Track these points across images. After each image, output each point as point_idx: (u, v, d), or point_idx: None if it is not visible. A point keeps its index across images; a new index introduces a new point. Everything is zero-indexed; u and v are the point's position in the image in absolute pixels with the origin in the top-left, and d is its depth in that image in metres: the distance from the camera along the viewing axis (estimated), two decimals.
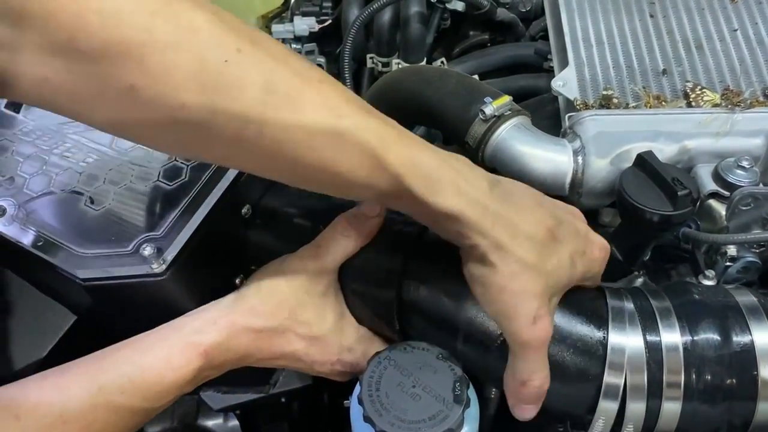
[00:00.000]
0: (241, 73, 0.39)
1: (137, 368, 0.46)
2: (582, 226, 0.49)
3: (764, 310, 0.49)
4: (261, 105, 0.39)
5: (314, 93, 0.41)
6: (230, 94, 0.39)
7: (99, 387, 0.46)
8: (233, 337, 0.47)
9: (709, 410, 0.48)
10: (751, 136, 0.58)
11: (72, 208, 0.54)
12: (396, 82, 0.70)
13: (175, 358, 0.46)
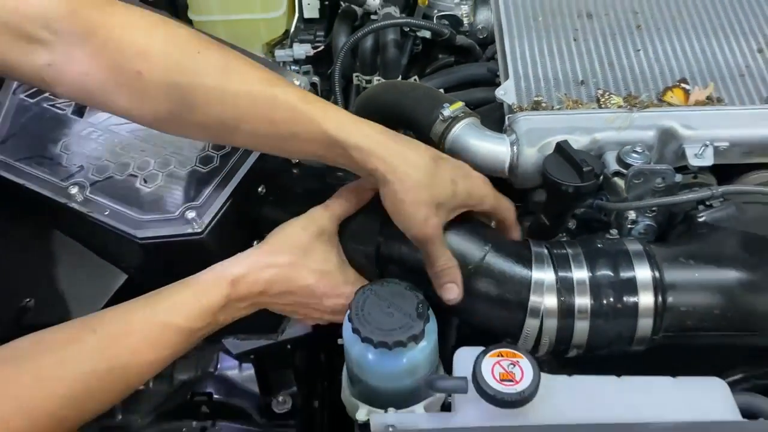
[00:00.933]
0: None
1: (180, 295, 0.62)
2: (465, 165, 0.68)
3: (646, 254, 0.67)
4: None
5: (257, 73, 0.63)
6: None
7: (152, 309, 0.61)
8: (256, 271, 0.63)
9: (606, 325, 0.65)
10: (645, 130, 0.76)
11: (130, 187, 0.71)
12: (376, 94, 0.88)
13: (209, 285, 0.62)
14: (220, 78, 0.62)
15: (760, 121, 0.75)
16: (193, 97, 0.61)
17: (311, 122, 0.62)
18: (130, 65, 0.60)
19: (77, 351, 0.58)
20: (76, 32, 0.60)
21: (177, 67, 0.61)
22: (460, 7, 1.01)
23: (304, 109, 0.63)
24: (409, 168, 0.63)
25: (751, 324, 0.65)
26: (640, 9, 0.89)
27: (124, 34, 0.61)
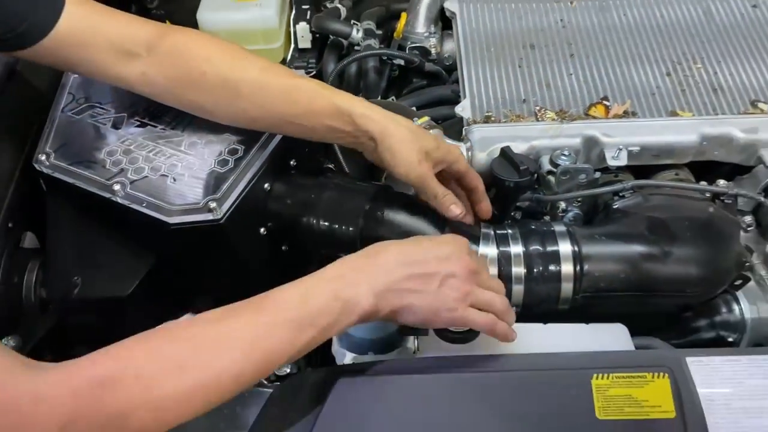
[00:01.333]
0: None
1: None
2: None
3: (568, 233, 0.85)
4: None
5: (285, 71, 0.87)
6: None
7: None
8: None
9: (537, 288, 0.83)
10: (573, 138, 0.95)
11: (162, 185, 0.88)
12: None
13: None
14: (260, 74, 0.85)
15: (665, 131, 0.95)
16: (241, 87, 0.84)
17: (326, 98, 0.84)
18: (200, 66, 0.84)
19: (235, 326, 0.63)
20: (162, 49, 0.84)
21: (229, 67, 0.85)
22: (428, 40, 1.21)
23: (321, 90, 0.85)
24: (400, 127, 0.83)
25: (650, 286, 0.84)
26: (573, 41, 1.08)
27: (193, 47, 0.86)
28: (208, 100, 0.87)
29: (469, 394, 0.68)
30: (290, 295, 0.65)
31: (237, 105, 0.86)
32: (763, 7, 1.12)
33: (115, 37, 0.84)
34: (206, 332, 0.63)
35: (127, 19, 0.87)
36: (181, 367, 0.60)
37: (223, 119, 0.89)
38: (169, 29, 0.88)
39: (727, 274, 0.86)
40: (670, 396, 0.66)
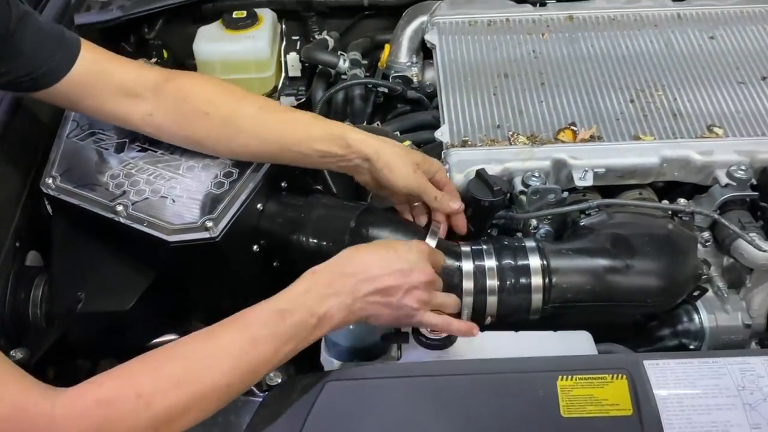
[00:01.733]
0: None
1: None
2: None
3: (538, 248, 0.92)
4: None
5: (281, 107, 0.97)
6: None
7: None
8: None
9: (509, 299, 0.90)
10: (543, 160, 1.02)
11: (162, 206, 0.95)
12: None
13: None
14: (258, 111, 0.94)
15: (628, 153, 1.02)
16: (242, 124, 0.93)
17: (321, 126, 0.93)
18: (202, 107, 0.93)
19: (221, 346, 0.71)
20: (167, 92, 0.93)
21: (230, 107, 0.93)
22: (410, 69, 1.29)
23: (316, 119, 0.95)
24: (391, 146, 0.93)
25: (614, 296, 0.91)
26: (544, 71, 1.17)
27: (196, 90, 0.94)
28: (211, 137, 0.95)
29: (446, 396, 0.75)
30: (270, 313, 0.73)
31: (238, 140, 0.94)
32: (719, 38, 1.21)
33: (123, 81, 0.92)
34: (198, 350, 0.70)
35: (134, 65, 0.96)
36: (178, 383, 0.67)
37: (224, 154, 0.97)
38: (173, 74, 0.96)
39: (685, 285, 0.94)
40: (628, 395, 0.73)
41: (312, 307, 0.73)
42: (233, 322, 0.73)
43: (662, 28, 1.24)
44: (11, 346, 0.95)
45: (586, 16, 1.28)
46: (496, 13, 1.28)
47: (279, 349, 0.72)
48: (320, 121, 0.94)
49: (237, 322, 0.72)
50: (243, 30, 1.33)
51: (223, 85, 0.97)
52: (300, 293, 0.75)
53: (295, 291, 0.75)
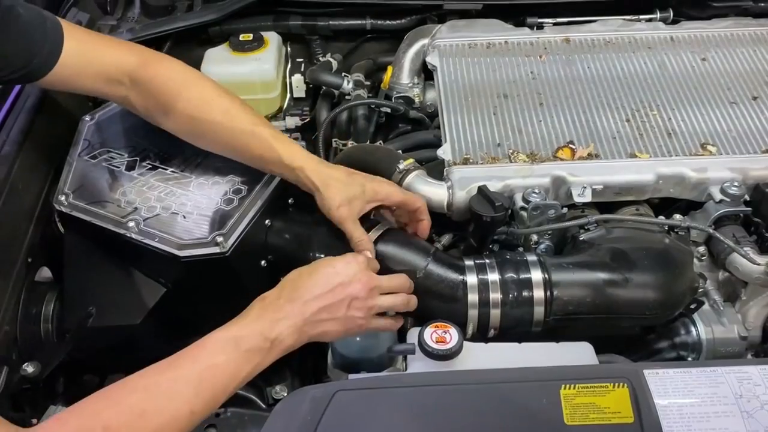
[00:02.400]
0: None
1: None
2: (377, 177, 1.00)
3: (539, 263, 0.95)
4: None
5: (248, 116, 0.98)
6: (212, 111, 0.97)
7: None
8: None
9: (512, 312, 0.93)
10: (542, 177, 1.05)
11: (173, 222, 0.97)
12: (350, 153, 1.17)
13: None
14: (223, 118, 0.98)
15: (625, 171, 1.05)
16: (204, 127, 0.98)
17: (275, 152, 0.96)
18: (171, 102, 0.98)
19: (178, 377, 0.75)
20: (143, 79, 0.98)
21: (197, 107, 0.98)
22: (412, 90, 1.32)
23: (272, 143, 0.97)
24: (331, 180, 0.95)
25: (613, 309, 0.93)
26: (543, 91, 1.20)
27: (169, 82, 0.98)
28: (178, 131, 1.01)
29: (453, 404, 0.77)
30: (225, 341, 0.77)
31: (201, 142, 1.01)
32: (711, 60, 1.25)
33: (104, 68, 0.98)
34: (158, 381, 0.74)
35: (114, 48, 1.01)
36: (141, 414, 0.70)
37: (190, 142, 1.03)
38: (151, 59, 1.01)
39: (682, 297, 0.96)
40: (629, 403, 0.75)
41: (264, 332, 0.78)
42: (190, 351, 0.76)
43: (656, 50, 1.28)
44: (23, 360, 0.97)
45: (582, 38, 1.32)
46: (495, 36, 1.32)
47: (236, 374, 0.76)
48: (276, 144, 0.96)
49: (194, 351, 0.76)
50: (249, 52, 1.36)
51: (196, 81, 1.01)
52: (252, 320, 0.80)
53: (247, 318, 0.80)
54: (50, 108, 1.16)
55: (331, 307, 0.82)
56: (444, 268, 0.94)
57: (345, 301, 0.83)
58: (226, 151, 1.01)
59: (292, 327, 0.80)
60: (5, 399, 0.94)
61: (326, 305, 0.82)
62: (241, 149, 0.99)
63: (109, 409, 0.71)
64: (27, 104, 1.12)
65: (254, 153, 0.97)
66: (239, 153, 1.00)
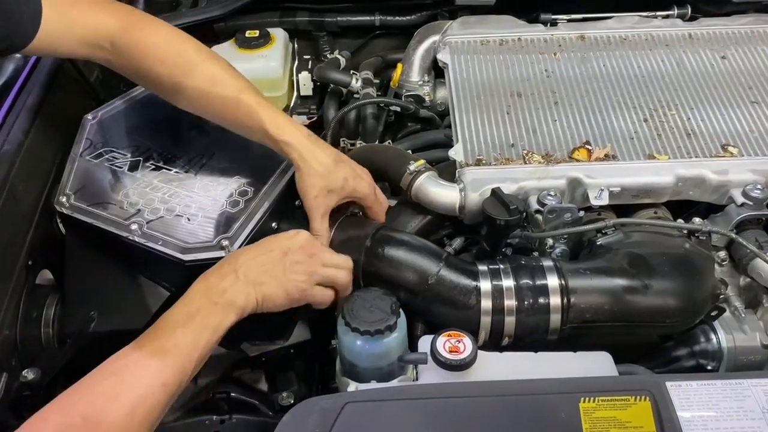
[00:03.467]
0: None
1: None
2: (362, 169, 1.00)
3: (555, 268, 0.92)
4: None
5: (233, 82, 0.97)
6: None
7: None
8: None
9: (527, 319, 0.89)
10: (557, 179, 1.02)
11: (177, 224, 0.94)
12: (359, 154, 1.14)
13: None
14: (206, 84, 0.96)
15: (643, 172, 1.02)
16: (187, 93, 0.96)
17: (259, 121, 0.94)
18: (152, 68, 0.96)
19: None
20: (124, 45, 0.97)
21: (181, 72, 0.96)
22: (422, 88, 1.29)
23: (257, 111, 0.94)
24: (315, 162, 0.94)
25: (632, 316, 0.90)
26: (558, 89, 1.17)
27: (150, 48, 0.96)
28: (161, 94, 1.01)
29: (467, 417, 0.73)
30: (177, 316, 0.81)
31: (184, 105, 0.99)
32: (731, 58, 1.21)
33: (84, 33, 0.96)
34: (126, 363, 0.76)
35: (94, 11, 0.97)
36: (115, 397, 0.73)
37: (176, 103, 1.01)
38: (132, 24, 0.98)
39: (703, 304, 0.93)
40: (652, 417, 0.72)
41: (213, 298, 0.81)
42: (149, 332, 0.79)
43: (674, 47, 1.24)
44: (23, 366, 0.95)
45: (597, 35, 1.28)
46: (508, 33, 1.29)
47: (196, 342, 0.79)
48: (260, 113, 0.95)
49: (152, 331, 0.79)
50: (256, 49, 1.33)
51: (179, 44, 0.98)
52: (197, 291, 0.83)
53: (192, 291, 0.83)
54: (52, 106, 1.12)
55: (268, 265, 0.85)
56: (456, 273, 0.91)
57: (283, 261, 0.86)
58: (212, 119, 1.01)
59: (236, 287, 0.82)
60: (5, 406, 0.91)
61: (264, 263, 0.85)
62: (226, 117, 0.98)
63: (83, 399, 0.73)
64: (28, 102, 1.09)
65: (240, 121, 0.97)
66: (225, 121, 0.99)
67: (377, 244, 0.93)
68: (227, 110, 0.96)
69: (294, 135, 0.94)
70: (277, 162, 1.02)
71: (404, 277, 0.91)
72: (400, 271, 0.91)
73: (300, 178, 0.94)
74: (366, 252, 0.93)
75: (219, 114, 0.98)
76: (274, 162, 1.02)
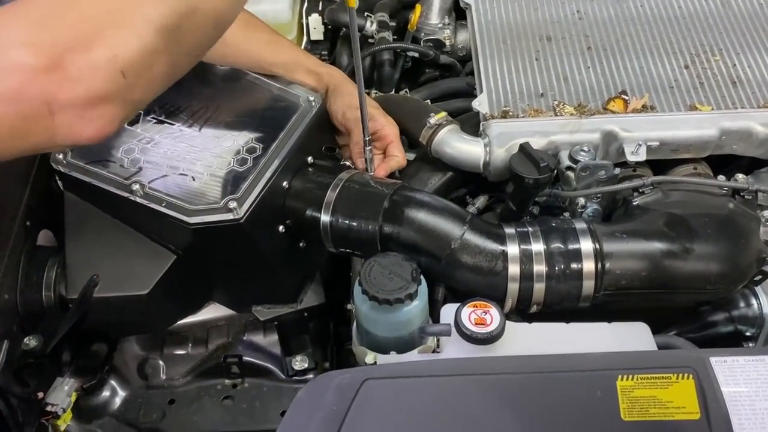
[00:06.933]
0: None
1: None
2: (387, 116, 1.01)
3: (589, 231, 0.85)
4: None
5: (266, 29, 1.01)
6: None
7: None
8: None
9: (558, 286, 0.83)
10: (591, 133, 0.94)
11: (181, 184, 0.88)
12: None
13: None
14: (244, 27, 0.93)
15: (683, 125, 0.94)
16: (226, 36, 0.79)
17: (300, 58, 0.99)
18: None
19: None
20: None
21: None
22: (443, 31, 1.19)
23: (295, 49, 1.02)
24: (353, 87, 0.96)
25: (670, 283, 0.84)
26: (591, 33, 1.07)
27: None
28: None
29: (494, 396, 0.68)
30: None
31: (220, 50, 0.87)
32: None
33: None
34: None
35: None
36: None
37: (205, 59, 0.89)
38: None
39: (747, 270, 0.86)
40: (695, 397, 0.67)
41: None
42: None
43: None
44: (24, 333, 0.90)
45: None
46: None
47: None
48: (299, 52, 1.01)
49: None
50: None
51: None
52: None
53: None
54: None
55: None
56: (482, 237, 0.85)
57: None
58: (240, 60, 0.98)
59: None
60: (9, 374, 0.87)
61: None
62: (262, 57, 0.98)
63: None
64: None
65: (278, 60, 0.98)
66: (259, 62, 0.98)
67: (396, 206, 0.87)
68: (266, 50, 0.97)
69: (327, 65, 1.01)
70: (287, 114, 0.94)
71: (425, 241, 0.84)
72: (421, 235, 0.84)
73: (341, 93, 0.97)
74: (384, 213, 0.86)
75: (255, 55, 0.97)
76: (283, 114, 0.94)
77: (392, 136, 0.98)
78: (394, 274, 0.81)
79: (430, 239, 0.84)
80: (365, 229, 0.87)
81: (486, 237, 0.85)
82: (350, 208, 0.88)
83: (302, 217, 0.91)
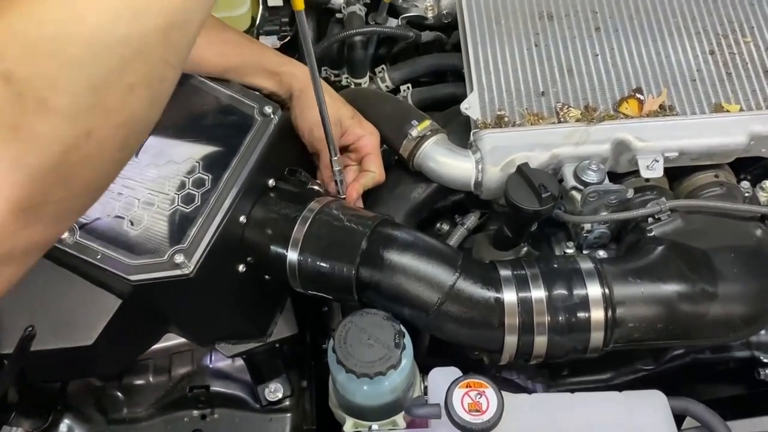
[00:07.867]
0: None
1: None
2: (369, 125, 0.85)
3: (597, 273, 0.73)
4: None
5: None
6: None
7: None
8: None
9: (562, 340, 0.73)
10: (601, 143, 0.80)
11: (118, 229, 0.74)
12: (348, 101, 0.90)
13: None
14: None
15: (707, 131, 0.80)
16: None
17: (255, 57, 0.83)
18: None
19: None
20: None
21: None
22: (424, 1, 1.01)
23: (249, 45, 0.85)
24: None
25: (691, 333, 0.74)
26: (599, 10, 0.90)
27: None
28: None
29: None
30: None
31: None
32: None
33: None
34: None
35: None
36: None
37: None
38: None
39: None
40: None
41: None
42: None
43: None
44: None
45: None
46: None
47: None
48: (254, 48, 0.85)
49: None
50: None
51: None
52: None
53: None
54: None
55: None
56: (476, 284, 0.73)
57: None
58: (193, 68, 0.81)
59: None
60: None
61: None
62: (212, 61, 0.81)
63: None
64: None
65: (229, 62, 0.82)
66: (209, 68, 0.82)
67: (375, 247, 0.74)
68: (216, 51, 0.81)
69: (290, 61, 0.84)
70: (240, 132, 0.79)
71: (411, 292, 0.72)
72: (406, 285, 0.72)
73: (304, 103, 0.81)
74: (361, 256, 0.74)
75: (206, 59, 0.81)
76: (236, 132, 0.79)
77: (370, 147, 0.83)
78: (374, 339, 0.70)
79: (416, 290, 0.72)
80: (339, 272, 0.75)
81: (481, 284, 0.73)
82: (322, 247, 0.75)
83: (266, 254, 0.78)
